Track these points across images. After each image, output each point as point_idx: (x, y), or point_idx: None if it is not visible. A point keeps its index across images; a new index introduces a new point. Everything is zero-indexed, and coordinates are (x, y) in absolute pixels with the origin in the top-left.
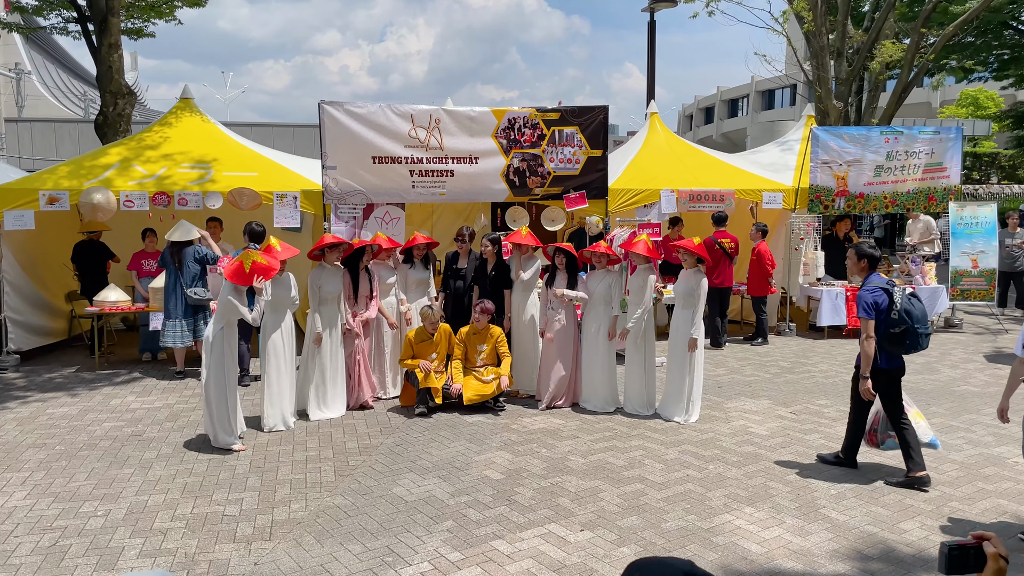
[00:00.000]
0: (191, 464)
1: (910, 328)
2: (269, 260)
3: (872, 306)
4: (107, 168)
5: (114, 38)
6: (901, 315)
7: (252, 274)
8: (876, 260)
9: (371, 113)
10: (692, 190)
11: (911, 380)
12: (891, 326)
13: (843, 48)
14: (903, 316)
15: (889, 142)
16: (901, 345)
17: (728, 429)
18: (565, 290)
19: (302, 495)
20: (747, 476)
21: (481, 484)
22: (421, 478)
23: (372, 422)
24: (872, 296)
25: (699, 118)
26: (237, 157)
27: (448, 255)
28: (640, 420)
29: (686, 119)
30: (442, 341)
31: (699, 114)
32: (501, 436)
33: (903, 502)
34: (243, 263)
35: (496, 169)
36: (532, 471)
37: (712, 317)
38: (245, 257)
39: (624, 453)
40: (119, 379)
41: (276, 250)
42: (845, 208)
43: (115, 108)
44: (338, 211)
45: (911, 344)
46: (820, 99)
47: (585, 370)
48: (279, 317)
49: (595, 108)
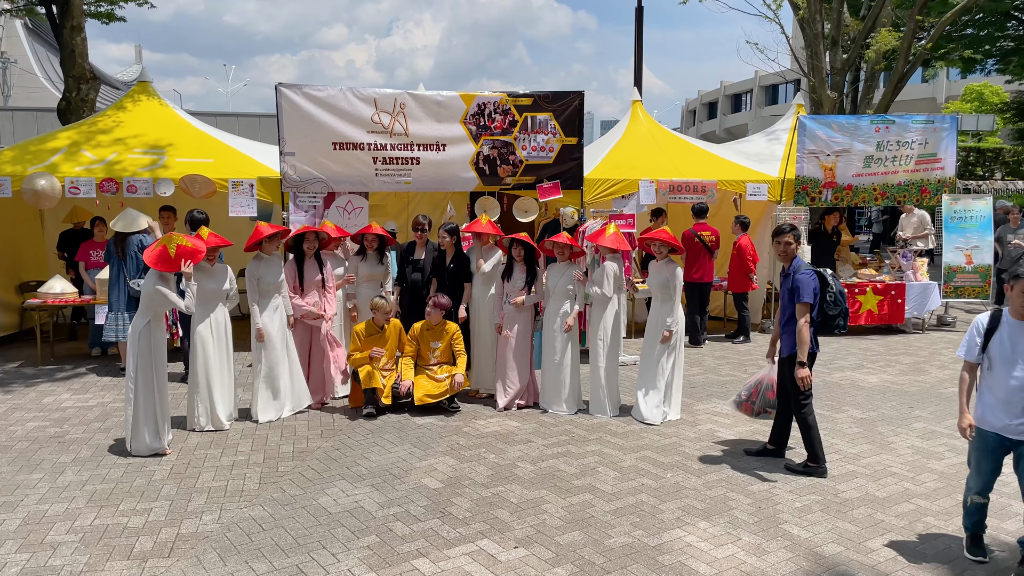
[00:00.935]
0: (107, 469)
1: (844, 310)
2: (195, 243)
3: (813, 292)
4: (54, 153)
5: (76, 20)
6: (836, 297)
7: (178, 258)
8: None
9: (331, 96)
10: (672, 181)
11: (896, 381)
12: (828, 308)
13: (838, 36)
14: (838, 298)
15: (880, 131)
16: (832, 328)
17: (693, 433)
18: (520, 298)
19: (218, 505)
20: (706, 486)
21: (416, 494)
22: (352, 486)
23: (314, 424)
24: (812, 280)
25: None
26: (193, 143)
27: (403, 246)
28: (601, 423)
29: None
30: (392, 336)
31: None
32: (449, 440)
33: (873, 517)
34: (167, 248)
35: (465, 157)
36: (475, 479)
37: (691, 314)
38: (168, 241)
39: (578, 459)
40: (60, 375)
41: (203, 238)
42: (832, 200)
43: (78, 93)
44: (297, 200)
45: (843, 325)
46: (814, 89)
47: (545, 369)
48: (209, 310)
49: (570, 94)
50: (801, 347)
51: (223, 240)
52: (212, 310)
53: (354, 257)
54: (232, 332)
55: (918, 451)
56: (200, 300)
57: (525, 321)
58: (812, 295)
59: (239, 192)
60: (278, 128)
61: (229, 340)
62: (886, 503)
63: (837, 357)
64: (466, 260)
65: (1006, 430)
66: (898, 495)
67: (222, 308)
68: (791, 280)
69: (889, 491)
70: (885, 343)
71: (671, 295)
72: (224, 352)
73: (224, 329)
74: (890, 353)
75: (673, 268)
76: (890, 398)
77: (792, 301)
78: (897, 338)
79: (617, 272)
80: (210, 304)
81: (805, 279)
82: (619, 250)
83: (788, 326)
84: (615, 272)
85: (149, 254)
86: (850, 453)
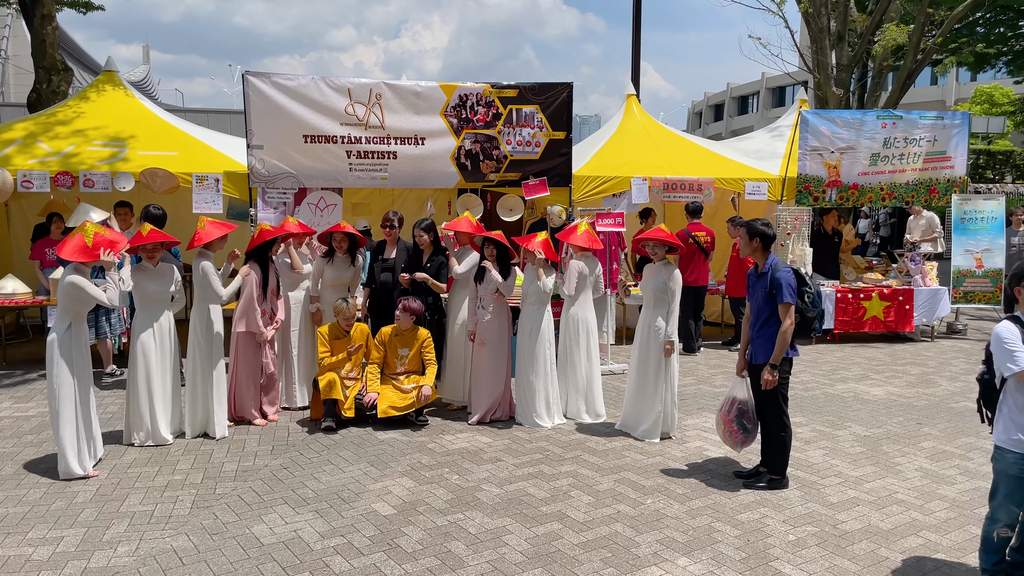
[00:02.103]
0: (26, 490)
1: (821, 311)
2: (113, 233)
3: (793, 290)
4: (8, 144)
5: (47, 9)
6: (815, 298)
7: (96, 247)
8: (771, 239)
9: (302, 86)
10: (667, 178)
11: (903, 394)
12: (807, 310)
13: (844, 32)
14: (816, 299)
15: (887, 127)
16: (810, 329)
17: (680, 452)
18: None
19: (138, 534)
20: (690, 514)
21: (363, 522)
22: (294, 512)
23: (267, 439)
24: (790, 278)
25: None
26: (158, 135)
27: (374, 244)
28: (580, 439)
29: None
30: (358, 340)
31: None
32: (411, 458)
33: (876, 553)
34: (83, 237)
35: (445, 151)
36: (432, 504)
37: (685, 319)
38: (83, 230)
39: (550, 481)
40: (7, 381)
41: (143, 234)
42: (837, 200)
43: (49, 85)
44: (266, 196)
45: (818, 327)
46: (819, 86)
47: (518, 378)
48: (152, 315)
49: (558, 85)
50: (779, 351)
51: (165, 236)
52: (155, 314)
53: (320, 259)
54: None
55: (927, 474)
56: (142, 304)
57: (500, 328)
58: (791, 294)
59: (204, 187)
60: (245, 119)
61: (175, 347)
62: (891, 536)
63: (840, 367)
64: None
65: None
66: (905, 527)
67: (166, 313)
68: (767, 280)
69: (895, 521)
70: (892, 352)
71: (666, 300)
72: (168, 360)
73: (169, 335)
74: (897, 363)
75: (671, 271)
76: (896, 413)
77: (768, 303)
78: (904, 347)
79: (583, 271)
80: (152, 308)
81: (786, 277)
82: (590, 249)
83: (764, 331)
84: (579, 270)
85: (64, 245)
86: (852, 476)
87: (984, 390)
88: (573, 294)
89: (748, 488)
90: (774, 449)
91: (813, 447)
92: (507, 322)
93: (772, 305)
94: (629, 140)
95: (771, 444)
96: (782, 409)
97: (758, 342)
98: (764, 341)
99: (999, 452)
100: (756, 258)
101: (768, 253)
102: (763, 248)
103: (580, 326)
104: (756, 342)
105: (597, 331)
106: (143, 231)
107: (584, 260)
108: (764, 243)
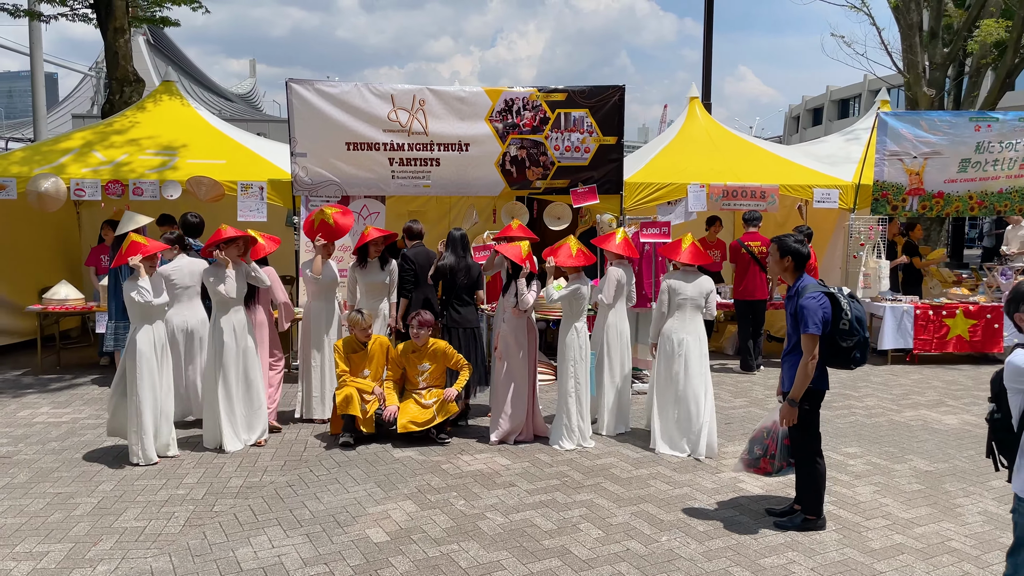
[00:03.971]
0: (31, 500)
1: (862, 339)
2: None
3: (822, 320)
4: (65, 153)
5: (119, 22)
6: (853, 325)
7: (128, 253)
8: (804, 258)
9: (345, 93)
10: (726, 185)
11: (980, 424)
12: (842, 339)
13: (938, 28)
14: (855, 326)
15: (980, 130)
16: (848, 360)
17: (712, 483)
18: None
19: (122, 552)
20: (707, 556)
21: (352, 549)
22: (285, 535)
23: (281, 453)
24: (821, 307)
25: (806, 119)
26: (208, 143)
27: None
28: (605, 465)
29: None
30: (378, 354)
31: (806, 115)
32: (421, 479)
33: None
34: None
35: (490, 157)
36: (428, 533)
37: (743, 337)
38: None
39: (561, 511)
40: (55, 385)
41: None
42: (919, 210)
43: (121, 96)
44: (309, 204)
45: (860, 358)
46: (909, 87)
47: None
48: (147, 323)
49: (608, 88)
50: (800, 385)
51: (162, 246)
52: (151, 324)
53: (352, 268)
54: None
55: (991, 519)
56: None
57: (518, 341)
58: (817, 324)
59: (248, 195)
60: (289, 128)
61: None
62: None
63: (913, 391)
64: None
65: None
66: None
67: (160, 323)
68: (794, 303)
69: (941, 575)
70: (976, 375)
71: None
72: (165, 372)
73: (164, 346)
74: (979, 388)
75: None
76: (969, 446)
77: (795, 328)
78: (991, 369)
79: (621, 279)
80: (150, 318)
81: (811, 305)
82: (627, 257)
83: (790, 358)
84: (618, 278)
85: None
86: (901, 519)
87: (996, 432)
88: (611, 302)
89: (779, 528)
90: (804, 486)
91: (863, 482)
92: (526, 336)
93: (799, 332)
94: (689, 145)
95: (801, 480)
96: (810, 444)
97: (785, 369)
98: (789, 368)
99: (1021, 504)
100: (786, 278)
101: (800, 273)
102: (795, 268)
103: (617, 335)
104: (784, 369)
105: (631, 341)
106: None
107: (624, 268)
108: (797, 262)
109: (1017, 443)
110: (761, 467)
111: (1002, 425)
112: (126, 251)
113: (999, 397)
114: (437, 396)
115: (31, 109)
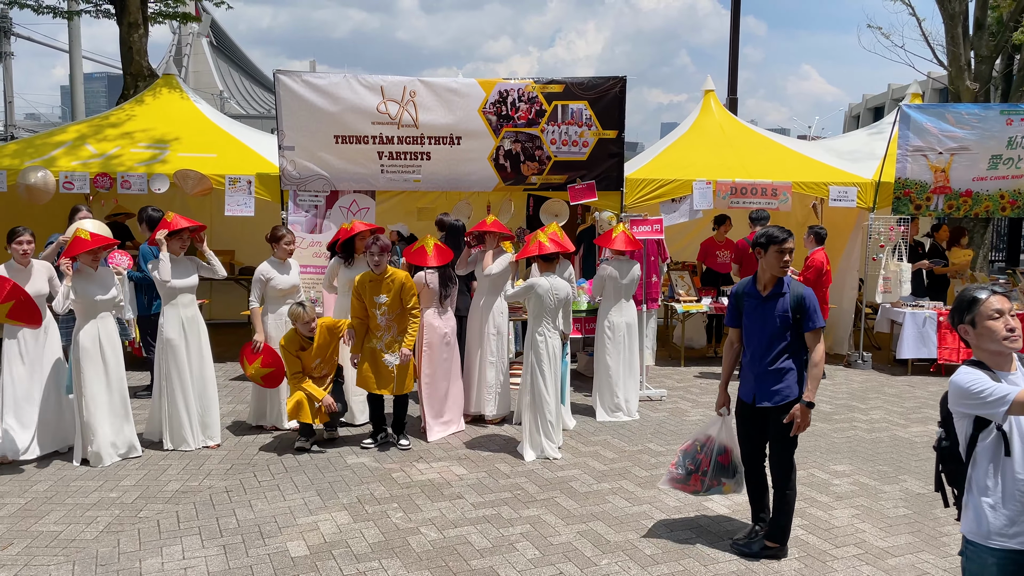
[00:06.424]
0: None
1: None
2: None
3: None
4: (58, 146)
5: (133, 17)
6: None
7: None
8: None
9: (333, 84)
10: (735, 182)
11: None
12: None
13: (984, 18)
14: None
15: (1012, 124)
16: None
17: (675, 501)
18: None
19: (27, 559)
20: None
21: (264, 564)
22: (200, 546)
23: (231, 456)
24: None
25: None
26: (201, 136)
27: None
28: (566, 477)
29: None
30: (328, 343)
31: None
32: (365, 488)
33: None
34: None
35: (483, 152)
36: (353, 548)
37: None
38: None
39: (503, 527)
40: None
41: (83, 238)
42: (945, 209)
43: (135, 91)
44: (297, 199)
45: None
46: (951, 80)
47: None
48: (94, 320)
49: (608, 79)
50: (815, 383)
51: (108, 239)
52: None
53: (334, 261)
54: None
55: None
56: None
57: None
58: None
59: (236, 189)
60: (276, 120)
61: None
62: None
63: (927, 404)
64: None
65: None
66: None
67: (110, 319)
68: (785, 302)
69: None
70: None
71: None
72: (117, 370)
73: (114, 344)
74: None
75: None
76: None
77: (785, 329)
78: None
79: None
80: (92, 314)
81: (813, 297)
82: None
83: (778, 364)
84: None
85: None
86: (876, 547)
87: (944, 461)
88: (596, 296)
89: (738, 553)
90: (778, 512)
91: (844, 505)
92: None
93: (793, 333)
94: (701, 139)
95: (776, 505)
96: (793, 463)
97: (769, 379)
98: (778, 378)
99: (972, 548)
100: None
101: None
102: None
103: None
104: (766, 379)
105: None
106: (81, 234)
107: (617, 263)
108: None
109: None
110: (690, 484)
111: (950, 454)
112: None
113: (947, 422)
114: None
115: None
